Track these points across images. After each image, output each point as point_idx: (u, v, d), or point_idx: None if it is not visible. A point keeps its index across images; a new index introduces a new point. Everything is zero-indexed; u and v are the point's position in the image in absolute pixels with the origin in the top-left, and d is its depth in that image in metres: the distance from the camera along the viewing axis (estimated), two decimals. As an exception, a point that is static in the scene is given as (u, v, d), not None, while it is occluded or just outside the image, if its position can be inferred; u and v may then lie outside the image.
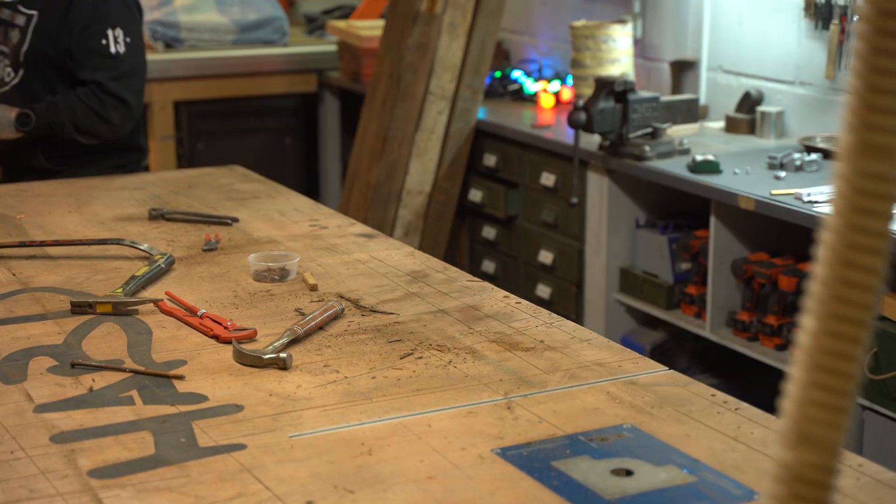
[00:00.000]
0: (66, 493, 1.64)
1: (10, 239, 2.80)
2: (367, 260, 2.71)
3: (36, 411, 1.90)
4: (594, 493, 1.65)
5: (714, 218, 3.94)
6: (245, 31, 5.79)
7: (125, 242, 2.72)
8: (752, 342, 3.91)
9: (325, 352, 2.16)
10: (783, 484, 0.76)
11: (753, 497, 1.65)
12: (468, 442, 1.80)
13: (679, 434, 1.84)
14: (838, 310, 0.75)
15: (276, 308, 2.39)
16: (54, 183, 3.39)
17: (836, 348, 0.75)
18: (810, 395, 0.76)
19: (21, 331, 2.26)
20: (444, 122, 4.93)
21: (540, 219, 4.64)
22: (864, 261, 0.74)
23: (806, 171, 3.91)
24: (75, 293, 2.45)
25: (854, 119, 0.74)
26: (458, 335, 2.25)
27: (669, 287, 4.23)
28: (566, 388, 2.02)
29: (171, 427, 1.84)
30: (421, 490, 1.65)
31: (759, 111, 4.47)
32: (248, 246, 2.78)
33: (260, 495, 1.63)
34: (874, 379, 3.33)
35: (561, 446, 1.79)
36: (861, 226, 0.74)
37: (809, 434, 0.76)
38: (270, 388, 2.00)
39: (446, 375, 2.06)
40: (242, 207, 3.12)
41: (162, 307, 2.35)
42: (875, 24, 0.73)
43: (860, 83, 0.74)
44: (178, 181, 3.40)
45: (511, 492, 1.65)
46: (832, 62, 4.19)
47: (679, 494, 1.65)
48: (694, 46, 4.80)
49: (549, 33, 5.46)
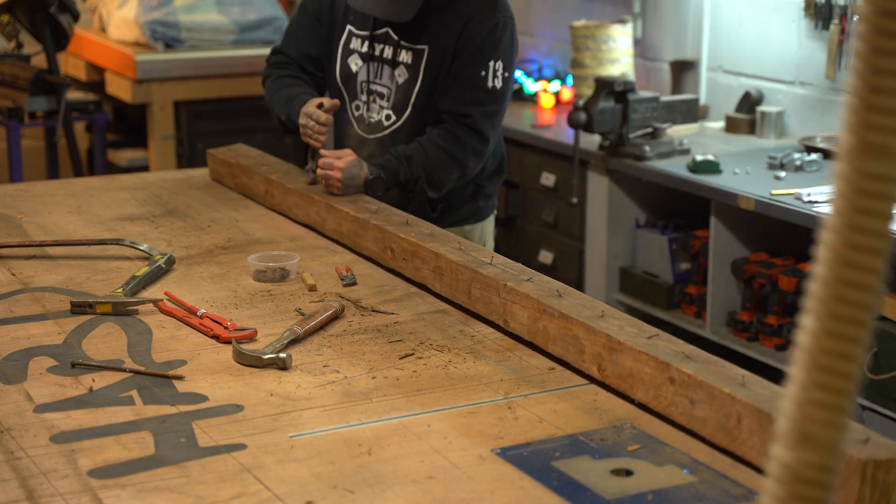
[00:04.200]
0: (66, 493, 1.64)
1: (10, 239, 2.80)
2: (367, 260, 2.70)
3: (36, 411, 1.90)
4: (594, 493, 1.65)
5: (714, 218, 3.94)
6: (245, 31, 5.79)
7: (125, 242, 2.72)
8: (752, 342, 3.91)
9: (325, 352, 2.16)
10: (783, 484, 0.76)
11: (753, 497, 1.65)
12: (468, 442, 1.80)
13: (679, 434, 1.84)
14: (838, 310, 0.75)
15: (276, 308, 2.39)
16: (54, 183, 3.39)
17: (836, 348, 0.75)
18: (810, 395, 0.76)
19: (21, 331, 2.26)
20: (445, 123, 4.93)
21: (540, 219, 4.64)
22: (864, 261, 0.74)
23: (806, 171, 3.91)
24: (75, 293, 2.45)
25: (854, 119, 0.74)
26: (458, 335, 2.25)
27: (669, 287, 4.23)
28: (566, 388, 2.02)
29: (171, 427, 1.84)
30: (421, 490, 1.65)
31: (759, 111, 4.47)
32: (248, 246, 2.78)
33: (260, 495, 1.63)
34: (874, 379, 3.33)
35: (561, 446, 1.79)
36: (861, 226, 0.74)
37: (809, 434, 0.76)
38: (270, 388, 2.00)
39: (446, 375, 2.06)
40: (242, 207, 3.12)
41: (162, 307, 2.35)
42: (875, 24, 0.73)
43: (860, 83, 0.74)
44: (178, 181, 3.40)
45: (511, 492, 1.65)
46: (832, 62, 4.19)
47: (679, 494, 1.65)
48: (694, 46, 4.80)
49: (549, 33, 5.46)
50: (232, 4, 5.80)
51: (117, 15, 5.74)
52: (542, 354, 2.16)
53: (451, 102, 2.95)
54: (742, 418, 1.74)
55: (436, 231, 2.59)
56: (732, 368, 1.86)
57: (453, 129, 2.94)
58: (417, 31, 2.98)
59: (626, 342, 1.96)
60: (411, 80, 2.99)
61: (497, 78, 2.93)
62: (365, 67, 3.04)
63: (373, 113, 3.05)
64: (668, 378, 1.87)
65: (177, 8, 5.68)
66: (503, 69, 2.93)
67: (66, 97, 5.27)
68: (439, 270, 2.44)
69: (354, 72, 3.06)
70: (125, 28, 5.69)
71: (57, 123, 5.30)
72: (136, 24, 5.62)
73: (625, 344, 1.96)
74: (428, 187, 2.95)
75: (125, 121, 6.20)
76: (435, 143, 2.93)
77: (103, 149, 5.65)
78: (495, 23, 2.94)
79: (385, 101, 3.03)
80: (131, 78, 5.55)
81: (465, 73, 2.93)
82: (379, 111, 3.04)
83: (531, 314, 2.18)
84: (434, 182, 2.95)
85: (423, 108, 2.99)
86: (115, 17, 5.76)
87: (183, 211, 3.07)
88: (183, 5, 5.69)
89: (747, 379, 1.81)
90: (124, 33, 5.71)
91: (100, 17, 6.00)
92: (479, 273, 2.33)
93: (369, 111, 3.05)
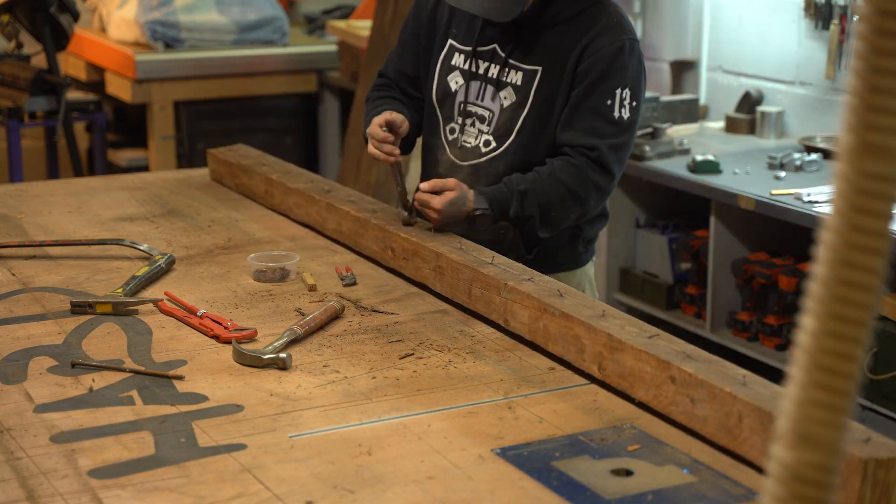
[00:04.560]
0: (66, 493, 1.64)
1: (10, 239, 2.80)
2: (367, 260, 2.70)
3: (36, 411, 1.90)
4: (594, 493, 1.65)
5: (714, 218, 3.94)
6: (245, 31, 5.80)
7: (125, 242, 2.72)
8: (752, 342, 3.91)
9: (325, 352, 2.16)
10: (783, 484, 0.76)
11: (753, 497, 1.65)
12: (468, 442, 1.80)
13: (679, 434, 1.84)
14: (838, 310, 0.75)
15: (276, 308, 2.39)
16: (54, 183, 3.39)
17: (836, 348, 0.75)
18: (810, 395, 0.76)
19: (21, 331, 2.26)
20: (445, 122, 4.92)
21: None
22: (864, 261, 0.74)
23: (806, 171, 3.92)
24: (75, 293, 2.45)
25: (854, 119, 0.74)
26: (458, 335, 2.25)
27: (669, 287, 4.23)
28: (566, 388, 2.02)
29: (171, 427, 1.84)
30: (421, 490, 1.65)
31: (759, 111, 4.47)
32: (247, 246, 2.78)
33: (260, 495, 1.63)
34: (874, 379, 3.33)
35: (561, 446, 1.79)
36: (861, 226, 0.74)
37: (809, 434, 0.76)
38: (270, 388, 2.00)
39: (446, 375, 2.06)
40: (242, 207, 3.12)
41: (162, 307, 2.35)
42: (875, 24, 0.73)
43: (860, 83, 0.74)
44: (178, 181, 3.40)
45: (511, 492, 1.65)
46: (832, 62, 4.19)
47: (679, 494, 1.65)
48: (694, 46, 4.80)
49: (549, 33, 5.46)
50: (232, 4, 5.81)
51: (117, 15, 5.74)
52: (542, 354, 2.16)
53: (573, 135, 2.61)
54: (743, 417, 1.74)
55: (436, 231, 2.59)
56: (733, 368, 1.86)
57: (577, 163, 2.59)
58: (529, 49, 2.66)
59: (626, 341, 1.96)
60: (519, 103, 2.66)
61: (624, 107, 2.61)
62: (465, 87, 2.73)
63: (469, 137, 2.72)
64: (669, 377, 1.87)
65: (177, 8, 5.68)
66: (630, 97, 2.61)
67: (66, 97, 5.27)
68: (440, 270, 2.44)
69: (453, 91, 2.74)
70: (125, 28, 5.69)
71: (57, 123, 5.30)
72: (136, 24, 5.62)
73: (626, 343, 1.96)
74: (540, 226, 2.61)
75: (125, 121, 6.21)
76: (556, 176, 2.59)
77: (103, 149, 5.65)
78: (621, 45, 2.61)
79: (485, 126, 2.71)
80: (131, 78, 5.55)
81: (591, 103, 2.60)
82: (477, 136, 2.72)
83: (532, 313, 2.18)
84: (548, 220, 2.61)
85: (528, 135, 2.66)
86: (115, 17, 5.76)
87: (183, 211, 3.07)
88: (183, 5, 5.70)
89: (748, 378, 1.81)
90: (124, 33, 5.71)
91: (100, 17, 6.00)
92: (479, 272, 2.33)
93: (465, 135, 2.73)
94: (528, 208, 2.58)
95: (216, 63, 5.71)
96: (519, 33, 2.66)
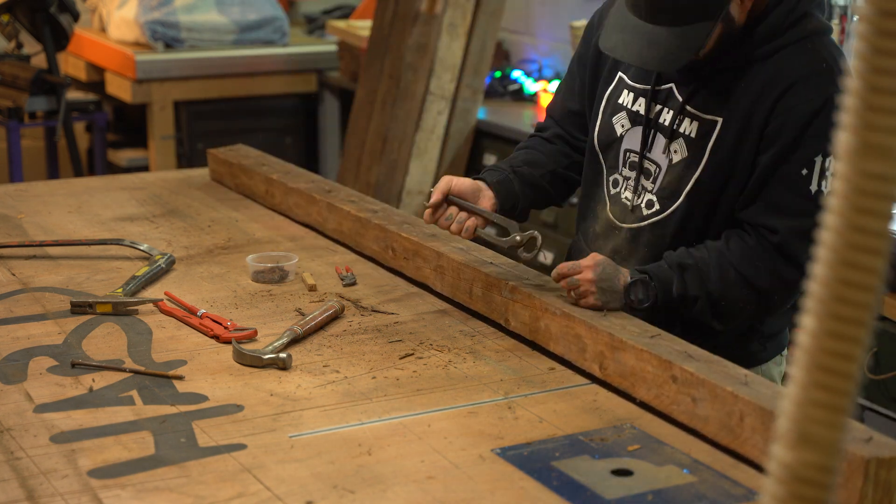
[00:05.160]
0: (66, 493, 1.64)
1: (10, 239, 2.80)
2: (367, 260, 2.70)
3: (36, 411, 1.90)
4: (594, 493, 1.65)
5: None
6: (245, 31, 5.80)
7: (125, 242, 2.72)
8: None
9: (325, 352, 2.16)
10: (783, 484, 0.76)
11: (753, 497, 1.65)
12: (468, 442, 1.80)
13: (679, 434, 1.84)
14: (838, 310, 0.75)
15: (276, 308, 2.39)
16: (54, 183, 3.39)
17: (836, 348, 0.75)
18: (810, 395, 0.76)
19: (21, 331, 2.26)
20: (444, 123, 4.94)
21: (540, 219, 4.64)
22: (864, 261, 0.74)
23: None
24: (75, 293, 2.45)
25: (854, 119, 0.74)
26: (458, 335, 2.25)
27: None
28: (566, 388, 2.02)
29: (171, 427, 1.84)
30: (421, 490, 1.65)
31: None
32: (248, 246, 2.78)
33: (260, 495, 1.63)
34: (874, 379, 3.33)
35: (561, 446, 1.79)
36: (861, 226, 0.74)
37: (809, 434, 0.76)
38: (270, 388, 2.00)
39: (446, 375, 2.06)
40: (242, 207, 3.11)
41: (162, 307, 2.35)
42: (875, 24, 0.73)
43: (860, 83, 0.74)
44: (178, 181, 3.40)
45: (511, 492, 1.65)
46: (832, 62, 4.18)
47: (679, 494, 1.65)
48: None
49: (549, 33, 5.46)
50: (232, 4, 5.81)
51: (117, 15, 5.74)
52: (542, 354, 2.16)
53: (753, 211, 2.13)
54: (744, 416, 1.74)
55: (437, 231, 2.59)
56: (735, 368, 1.87)
57: (752, 245, 2.12)
58: (709, 94, 2.17)
59: (628, 341, 1.96)
60: (691, 161, 2.17)
61: (824, 180, 2.08)
62: (632, 132, 2.26)
63: (629, 193, 2.27)
64: (671, 376, 1.87)
65: (177, 8, 5.68)
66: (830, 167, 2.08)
67: (66, 97, 5.27)
68: (441, 269, 2.44)
69: (619, 135, 2.28)
70: (125, 28, 5.69)
71: (57, 123, 5.30)
72: (136, 24, 5.62)
73: (627, 343, 1.96)
74: (710, 314, 2.15)
75: (125, 121, 6.20)
76: (725, 257, 2.12)
77: (103, 149, 5.65)
78: (828, 96, 2.07)
79: (650, 183, 2.23)
80: (131, 78, 5.55)
81: (781, 173, 2.09)
82: (641, 194, 2.25)
83: (533, 313, 2.18)
84: (718, 310, 2.14)
85: (699, 201, 2.17)
86: (115, 17, 5.76)
87: (183, 211, 3.07)
88: (183, 5, 5.70)
89: (749, 378, 1.82)
90: (124, 33, 5.71)
91: (100, 17, 6.00)
92: (480, 272, 2.33)
93: (628, 190, 2.27)
94: (691, 287, 2.12)
95: (216, 63, 5.71)
96: (702, 73, 2.18)
